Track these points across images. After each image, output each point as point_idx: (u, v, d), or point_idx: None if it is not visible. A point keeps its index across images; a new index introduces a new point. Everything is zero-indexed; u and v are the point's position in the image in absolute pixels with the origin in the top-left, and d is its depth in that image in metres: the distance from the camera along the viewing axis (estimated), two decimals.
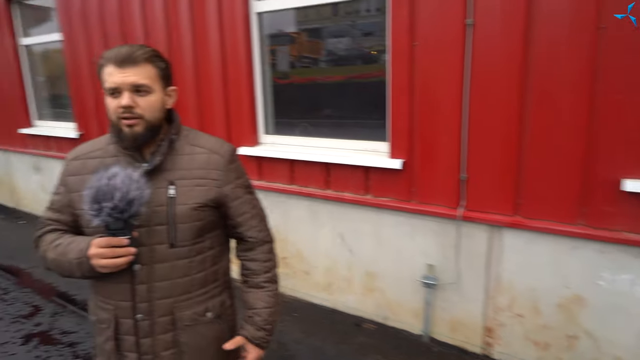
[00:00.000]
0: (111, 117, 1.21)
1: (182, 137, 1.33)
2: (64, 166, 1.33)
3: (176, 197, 1.25)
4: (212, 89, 3.49)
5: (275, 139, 3.42)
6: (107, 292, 1.29)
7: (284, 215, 3.36)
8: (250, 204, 1.39)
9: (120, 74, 1.16)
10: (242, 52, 3.27)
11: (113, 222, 1.11)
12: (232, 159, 1.36)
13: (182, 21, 3.52)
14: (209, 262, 1.35)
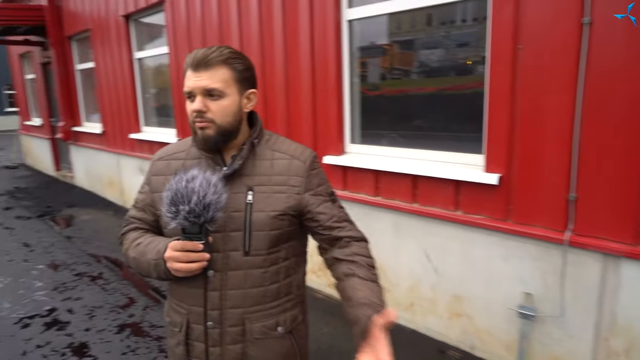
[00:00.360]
0: (189, 120, 1.21)
1: (264, 141, 1.29)
2: (150, 165, 1.36)
3: (254, 204, 1.21)
4: (301, 97, 3.51)
5: (361, 148, 3.33)
6: (181, 295, 1.28)
7: (367, 228, 3.20)
8: (337, 209, 1.31)
9: (194, 77, 1.15)
10: (332, 61, 3.24)
11: (189, 226, 1.09)
12: (313, 166, 1.30)
13: (275, 31, 3.61)
14: (283, 273, 1.28)
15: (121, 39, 5.99)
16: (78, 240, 5.32)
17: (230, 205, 1.19)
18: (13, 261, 4.72)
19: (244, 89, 1.23)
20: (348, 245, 1.26)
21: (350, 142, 3.38)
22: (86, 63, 7.38)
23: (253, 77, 1.26)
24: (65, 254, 4.89)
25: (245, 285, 1.23)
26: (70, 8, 7.28)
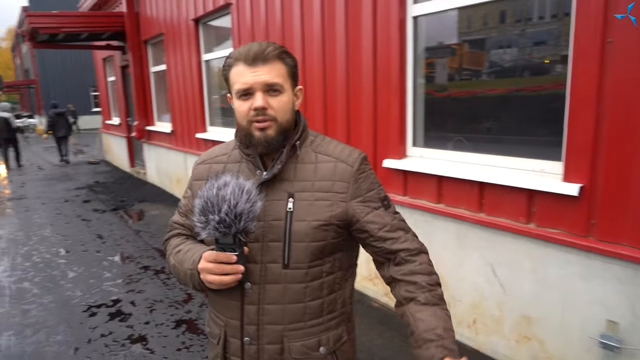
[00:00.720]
0: (241, 121, 1.12)
1: (307, 143, 1.19)
2: (192, 169, 1.30)
3: (294, 212, 1.11)
4: (362, 98, 3.39)
5: (423, 152, 3.15)
6: (219, 306, 1.21)
7: (428, 237, 3.05)
8: (390, 216, 1.16)
9: (252, 73, 1.06)
10: (395, 60, 3.09)
11: (221, 237, 1.02)
12: (361, 169, 1.17)
13: (337, 31, 3.52)
14: (326, 288, 1.17)
15: (191, 42, 6.21)
16: (145, 235, 5.57)
17: (269, 214, 1.11)
18: (87, 252, 5.04)
19: (294, 85, 1.16)
20: (405, 262, 1.13)
21: (412, 146, 3.21)
22: (159, 66, 7.77)
23: (298, 74, 1.19)
24: (133, 247, 5.14)
25: (283, 300, 1.13)
26: (146, 14, 7.70)
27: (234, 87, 1.11)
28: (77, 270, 4.48)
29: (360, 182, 1.15)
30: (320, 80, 3.79)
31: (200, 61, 6.18)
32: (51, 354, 3.02)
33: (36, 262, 4.74)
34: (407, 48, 3.08)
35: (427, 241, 3.01)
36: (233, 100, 1.14)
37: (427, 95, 3.17)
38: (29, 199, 7.87)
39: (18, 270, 4.51)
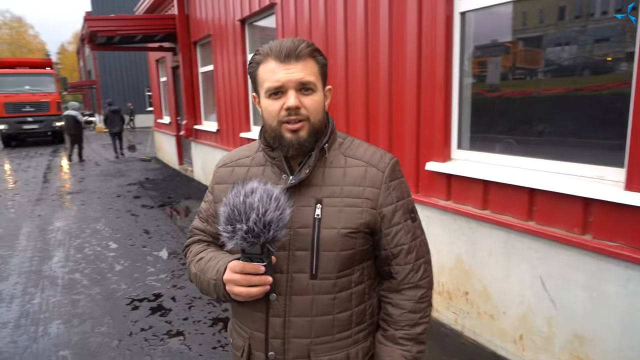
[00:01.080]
0: (271, 121, 1.05)
1: (336, 146, 1.13)
2: (213, 173, 1.25)
3: (322, 219, 1.05)
4: (405, 98, 3.27)
5: (469, 155, 2.99)
6: (243, 317, 1.16)
7: (472, 245, 2.90)
8: (411, 233, 1.11)
9: (285, 70, 1.00)
10: (440, 58, 2.95)
11: (248, 247, 0.96)
12: (393, 175, 1.10)
13: (380, 30, 3.42)
14: (355, 299, 1.11)
15: (237, 42, 6.30)
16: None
17: (296, 221, 1.05)
18: (134, 246, 5.22)
19: (324, 84, 1.10)
20: (394, 291, 1.13)
21: (457, 148, 3.05)
22: (207, 66, 7.95)
23: (327, 73, 1.13)
24: (177, 243, 5.27)
25: (311, 312, 1.07)
26: (195, 16, 7.91)
27: (263, 85, 1.04)
28: (124, 263, 4.65)
29: (391, 190, 1.09)
30: (362, 80, 3.70)
31: (246, 61, 6.26)
32: (95, 344, 3.12)
33: (87, 255, 4.96)
34: (454, 46, 2.93)
35: (472, 248, 2.88)
36: (260, 99, 1.08)
37: (474, 96, 3.00)
38: (85, 194, 8.30)
39: (71, 262, 4.74)
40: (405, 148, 3.33)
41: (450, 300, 3.11)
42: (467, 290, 2.95)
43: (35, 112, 17.45)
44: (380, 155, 1.12)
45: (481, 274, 2.86)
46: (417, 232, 1.13)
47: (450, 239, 3.03)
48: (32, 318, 3.53)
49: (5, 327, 3.39)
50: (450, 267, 3.07)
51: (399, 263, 1.11)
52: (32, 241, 5.51)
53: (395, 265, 1.11)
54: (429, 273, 1.14)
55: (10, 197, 8.22)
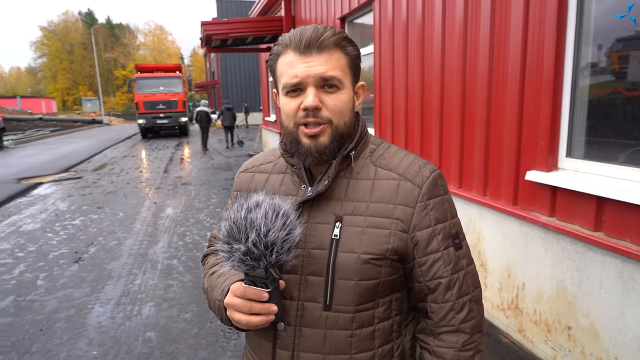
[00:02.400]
0: (287, 123, 0.91)
1: (366, 153, 0.95)
2: (235, 178, 1.13)
3: (340, 240, 0.88)
4: (505, 97, 2.89)
5: (580, 164, 2.52)
6: (252, 344, 1.03)
7: (578, 272, 2.44)
8: (452, 264, 0.90)
9: (304, 63, 0.86)
10: (549, 50, 2.53)
11: (247, 270, 0.83)
12: (433, 191, 0.90)
13: (481, 22, 3.06)
14: (379, 338, 0.92)
15: None
16: None
17: (311, 240, 0.90)
18: None
19: (356, 80, 0.93)
20: (437, 333, 0.91)
21: (565, 156, 2.60)
22: None
23: (360, 68, 0.95)
24: None
25: (323, 349, 0.91)
26: (301, 16, 8.06)
27: (280, 80, 0.90)
28: None
29: (429, 210, 0.89)
30: (458, 77, 3.36)
31: None
32: (177, 330, 3.30)
33: (187, 243, 5.32)
34: (567, 36, 2.49)
35: (577, 275, 2.43)
36: (279, 97, 0.94)
37: (591, 95, 2.52)
38: (195, 185, 9.00)
39: (172, 248, 5.13)
40: (504, 153, 2.94)
41: (548, 333, 2.67)
42: (570, 325, 2.50)
43: (166, 109, 20.66)
44: (419, 166, 0.92)
45: (588, 307, 2.39)
46: (461, 262, 0.92)
47: (552, 262, 2.59)
48: (131, 297, 3.86)
49: (108, 304, 3.75)
50: (550, 294, 2.63)
51: (436, 300, 0.91)
52: (144, 226, 6.09)
53: (431, 303, 0.91)
54: (475, 314, 0.92)
55: (136, 184, 9.25)
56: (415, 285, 0.93)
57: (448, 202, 0.93)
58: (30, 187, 9.08)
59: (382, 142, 0.99)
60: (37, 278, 4.34)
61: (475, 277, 0.95)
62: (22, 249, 5.24)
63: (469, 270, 0.93)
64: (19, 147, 17.88)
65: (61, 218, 6.60)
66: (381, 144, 0.98)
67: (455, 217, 0.94)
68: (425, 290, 0.91)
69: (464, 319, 0.90)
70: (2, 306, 3.75)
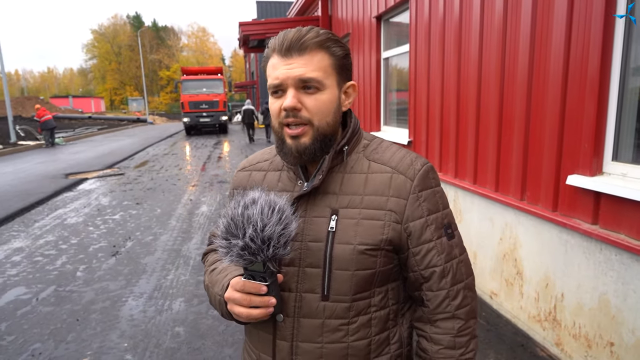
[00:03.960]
0: (274, 123, 0.95)
1: (359, 149, 0.98)
2: (233, 177, 1.16)
3: (336, 232, 0.91)
4: (547, 94, 2.73)
5: (628, 169, 2.34)
6: (252, 337, 1.05)
7: (623, 284, 2.27)
8: (445, 253, 0.93)
9: (285, 65, 0.89)
10: (595, 42, 2.37)
11: (246, 264, 0.85)
12: (425, 183, 0.93)
13: (521, 18, 2.91)
14: (376, 326, 0.95)
15: (372, 39, 6.17)
16: None
17: (308, 233, 0.92)
18: None
19: (343, 80, 0.95)
20: (433, 320, 0.95)
21: (611, 160, 2.42)
22: None
23: (351, 67, 0.96)
24: None
25: (321, 338, 0.93)
26: (337, 15, 8.03)
27: (268, 81, 0.94)
28: None
29: (421, 201, 0.93)
30: (497, 76, 3.22)
31: (380, 59, 6.10)
32: (205, 326, 3.33)
33: None
34: (616, 32, 2.32)
35: (622, 290, 2.26)
36: (269, 97, 0.97)
37: None
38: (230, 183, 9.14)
39: (205, 245, 5.21)
40: (544, 156, 2.78)
41: (588, 348, 2.50)
42: (613, 341, 2.33)
43: (208, 108, 22.53)
44: (411, 160, 0.95)
45: (634, 323, 2.21)
46: (454, 251, 0.95)
47: (594, 273, 2.42)
48: (163, 292, 3.94)
49: (141, 297, 3.85)
50: (591, 307, 2.46)
51: (431, 288, 0.94)
52: (180, 222, 6.24)
53: (426, 291, 0.95)
54: (469, 301, 0.96)
55: (174, 181, 9.51)
56: (410, 274, 0.95)
57: (439, 193, 0.96)
58: (77, 182, 9.52)
59: (374, 138, 1.01)
60: (77, 270, 4.52)
61: (468, 265, 0.98)
62: (65, 241, 5.48)
63: (462, 258, 0.96)
64: (69, 144, 18.83)
65: (102, 213, 6.87)
66: (374, 139, 1.01)
67: (447, 208, 0.97)
68: (420, 279, 0.94)
69: (459, 305, 0.93)
70: (44, 295, 3.92)
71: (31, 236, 5.73)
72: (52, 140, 17.88)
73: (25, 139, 19.21)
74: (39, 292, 3.99)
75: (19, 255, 5.00)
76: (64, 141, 19.43)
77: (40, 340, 3.17)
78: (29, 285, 4.17)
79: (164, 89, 72.69)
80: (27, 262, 4.79)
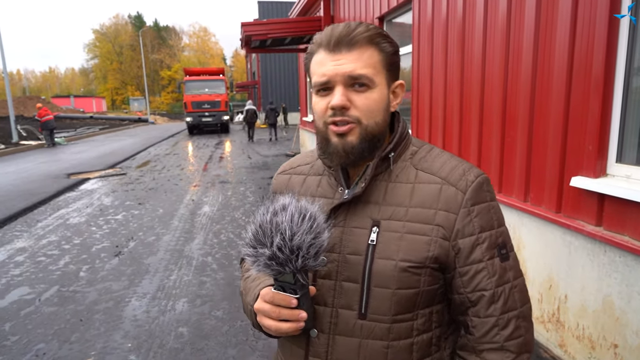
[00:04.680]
0: (318, 122, 0.89)
1: (406, 155, 0.91)
2: (273, 180, 1.12)
3: (377, 246, 0.85)
4: (550, 95, 2.73)
5: (632, 171, 2.34)
6: (284, 349, 0.99)
7: (628, 286, 2.27)
8: (497, 276, 0.84)
9: (333, 61, 0.83)
10: (600, 44, 2.36)
11: (274, 275, 0.81)
12: (478, 197, 0.85)
13: (525, 16, 2.91)
14: (417, 352, 0.87)
15: None
16: None
17: (347, 245, 0.87)
18: None
19: (392, 79, 0.89)
20: (479, 350, 0.84)
21: (615, 161, 2.42)
22: None
23: (399, 66, 0.90)
24: None
25: (358, 359, 0.87)
26: (339, 16, 8.02)
27: (312, 79, 0.89)
28: None
29: (473, 216, 0.84)
30: (500, 76, 3.22)
31: None
32: (208, 327, 3.34)
33: (222, 240, 5.41)
34: (620, 31, 2.32)
35: (627, 292, 2.26)
36: (312, 95, 0.92)
37: None
38: (233, 183, 9.15)
39: (207, 245, 5.22)
40: (547, 157, 2.78)
41: (592, 349, 2.50)
42: (617, 343, 2.33)
43: (210, 108, 23.10)
44: (463, 170, 0.87)
45: (638, 325, 2.21)
46: (507, 274, 0.85)
47: (598, 275, 2.42)
48: (166, 292, 3.95)
49: (144, 297, 3.86)
50: (595, 309, 2.46)
51: (478, 314, 0.85)
52: (182, 222, 6.25)
53: (472, 317, 0.85)
54: (522, 332, 0.85)
55: (176, 181, 9.52)
56: (456, 296, 0.87)
57: (495, 208, 0.87)
58: (79, 182, 9.53)
59: (424, 144, 0.94)
60: (80, 270, 4.53)
61: (523, 291, 0.88)
62: (68, 241, 5.50)
63: (516, 283, 0.86)
64: (70, 144, 18.85)
65: (105, 213, 6.88)
66: (423, 145, 0.93)
67: (502, 225, 0.88)
68: (467, 302, 0.85)
69: (509, 336, 0.83)
70: (47, 296, 3.93)
71: (34, 236, 5.74)
72: (52, 140, 17.90)
73: (27, 139, 19.25)
74: (43, 292, 4.00)
75: (22, 256, 5.01)
76: (65, 141, 19.45)
77: (44, 341, 3.18)
78: (32, 285, 4.18)
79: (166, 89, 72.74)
80: (30, 262, 4.80)
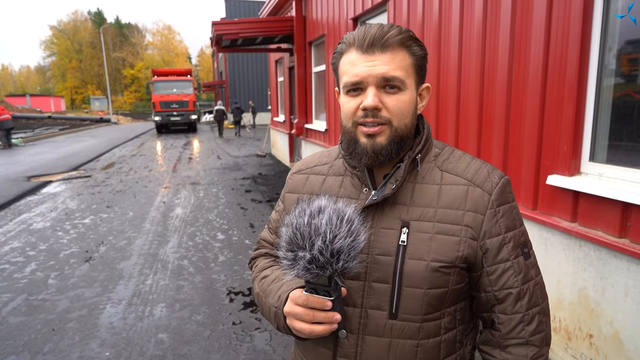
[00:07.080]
0: (346, 122, 0.90)
1: (431, 157, 0.93)
2: (287, 179, 1.10)
3: (408, 247, 0.86)
4: (526, 97, 2.83)
5: (605, 169, 2.46)
6: (307, 350, 0.99)
7: (602, 279, 2.38)
8: (522, 274, 0.88)
9: (366, 62, 0.84)
10: (573, 49, 2.47)
11: (312, 278, 0.80)
12: (503, 198, 0.89)
13: (501, 19, 3.01)
14: (444, 349, 0.90)
15: None
16: None
17: (376, 246, 0.87)
18: (238, 239, 5.45)
19: (420, 82, 0.91)
20: (504, 345, 0.89)
21: (589, 160, 2.54)
22: (320, 66, 8.02)
23: (426, 69, 0.92)
24: None
25: (388, 359, 0.88)
26: (312, 16, 8.03)
27: (342, 78, 0.89)
28: (227, 255, 4.87)
29: (499, 217, 0.87)
30: (476, 77, 3.31)
31: None
32: (189, 332, 3.27)
33: (197, 243, 5.31)
34: (592, 35, 2.43)
35: (601, 284, 2.37)
36: (340, 95, 0.93)
37: (619, 98, 2.46)
38: (204, 185, 8.99)
39: (182, 249, 5.11)
40: (523, 157, 2.88)
41: (569, 340, 2.61)
42: (592, 333, 2.44)
43: (178, 108, 23.59)
44: (487, 172, 0.90)
45: (612, 316, 2.33)
46: (530, 272, 0.90)
47: (573, 269, 2.54)
48: (143, 298, 3.84)
49: (120, 304, 3.74)
50: (571, 301, 2.57)
51: (505, 311, 0.88)
52: (154, 225, 6.09)
53: (499, 314, 0.89)
54: (544, 327, 0.90)
55: (145, 183, 9.27)
56: (482, 295, 0.90)
57: (516, 209, 0.91)
58: (40, 185, 9.12)
59: (445, 146, 0.96)
60: (49, 277, 4.34)
61: (543, 288, 0.93)
62: (33, 247, 5.25)
63: (537, 280, 0.91)
64: (28, 145, 18.00)
65: (71, 217, 6.62)
66: (445, 147, 0.96)
67: (522, 225, 0.92)
68: (493, 300, 0.89)
69: (534, 331, 0.88)
70: (13, 305, 3.74)
71: None
72: (9, 141, 17.05)
73: None
74: (8, 302, 3.80)
75: None
76: (23, 142, 18.56)
77: (14, 353, 3.03)
78: None
79: (128, 88, 70.65)
80: None
